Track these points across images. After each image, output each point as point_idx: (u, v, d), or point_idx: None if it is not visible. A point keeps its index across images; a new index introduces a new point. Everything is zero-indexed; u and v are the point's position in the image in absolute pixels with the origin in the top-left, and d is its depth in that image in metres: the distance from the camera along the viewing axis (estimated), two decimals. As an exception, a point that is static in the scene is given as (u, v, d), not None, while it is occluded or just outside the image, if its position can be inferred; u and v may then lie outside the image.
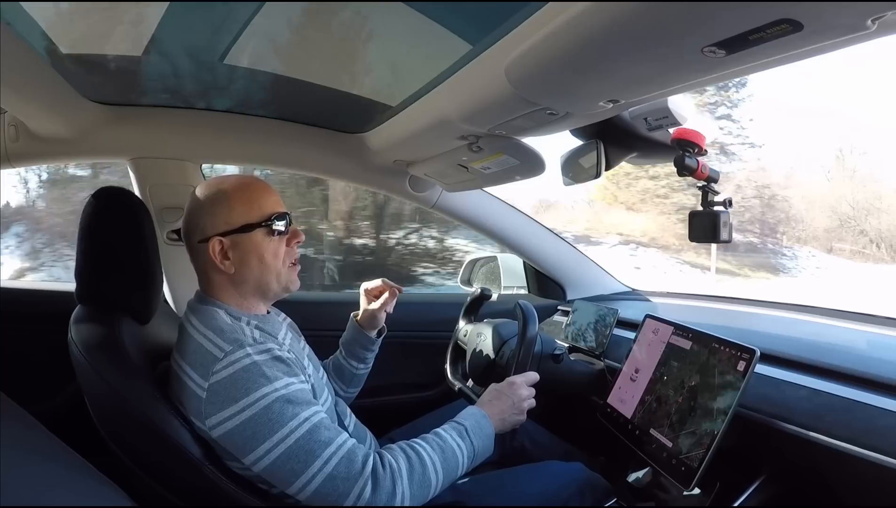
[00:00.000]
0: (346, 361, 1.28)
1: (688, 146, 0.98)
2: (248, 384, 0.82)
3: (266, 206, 0.96)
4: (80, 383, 0.91)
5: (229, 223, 0.94)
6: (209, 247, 0.93)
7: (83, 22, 1.03)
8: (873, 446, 0.78)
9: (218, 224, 0.94)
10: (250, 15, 0.99)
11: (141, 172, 1.52)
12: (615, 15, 0.58)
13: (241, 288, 0.96)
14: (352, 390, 1.30)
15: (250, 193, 0.96)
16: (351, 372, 1.28)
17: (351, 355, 1.28)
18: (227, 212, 0.94)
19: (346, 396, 1.28)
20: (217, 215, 0.94)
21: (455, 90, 1.04)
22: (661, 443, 0.99)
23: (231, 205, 0.94)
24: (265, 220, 0.95)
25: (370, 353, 1.29)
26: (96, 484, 0.64)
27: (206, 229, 0.94)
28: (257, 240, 0.95)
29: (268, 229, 0.95)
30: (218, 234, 0.93)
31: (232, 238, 0.94)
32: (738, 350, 0.94)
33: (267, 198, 0.97)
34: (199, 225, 0.95)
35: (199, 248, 0.95)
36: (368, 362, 1.30)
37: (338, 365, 1.29)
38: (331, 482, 0.81)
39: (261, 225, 0.95)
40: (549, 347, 1.33)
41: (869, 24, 0.51)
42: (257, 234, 0.95)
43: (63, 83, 1.18)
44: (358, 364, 1.28)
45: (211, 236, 0.93)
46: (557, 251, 1.88)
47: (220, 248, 0.93)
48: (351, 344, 1.28)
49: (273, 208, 0.97)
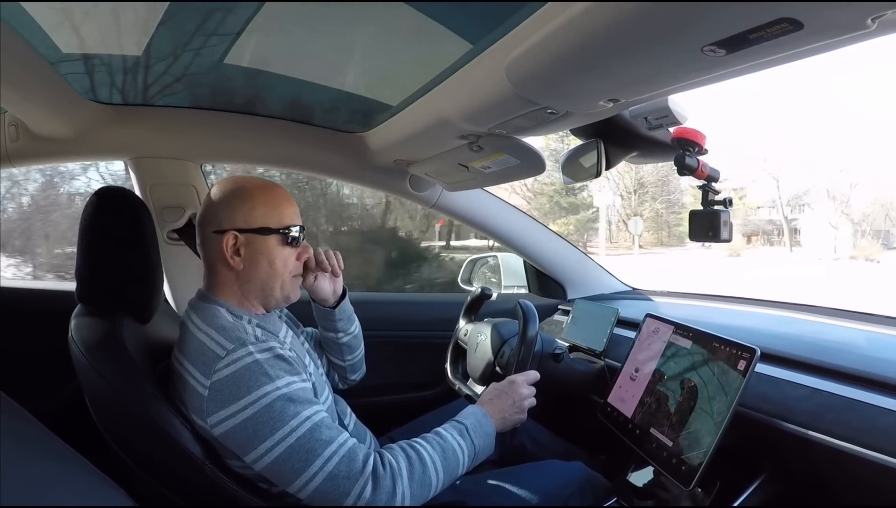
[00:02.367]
0: (324, 335, 1.23)
1: (688, 145, 0.98)
2: (250, 382, 0.82)
3: (286, 215, 0.98)
4: (81, 382, 0.92)
5: (248, 222, 0.94)
6: (223, 239, 0.93)
7: (83, 22, 1.03)
8: (874, 445, 0.78)
9: (236, 219, 0.94)
10: (250, 15, 0.99)
11: (141, 172, 1.52)
12: (615, 14, 0.58)
13: (245, 287, 0.96)
14: (348, 358, 1.24)
15: (274, 197, 0.97)
16: (335, 340, 1.22)
17: (326, 328, 1.22)
18: (249, 210, 0.95)
19: (348, 366, 1.24)
20: (238, 209, 0.95)
21: (455, 90, 1.04)
22: (661, 443, 0.99)
23: (254, 204, 0.95)
24: (284, 228, 0.96)
25: (340, 321, 1.21)
26: (96, 483, 0.64)
27: (224, 221, 0.95)
28: (271, 245, 0.96)
29: (284, 237, 0.96)
30: (235, 229, 0.94)
31: (248, 236, 0.94)
32: (739, 349, 0.94)
33: (288, 207, 0.98)
34: (217, 216, 0.95)
35: (213, 238, 0.95)
36: (346, 330, 1.22)
37: (321, 339, 1.25)
38: (331, 481, 0.81)
39: (278, 232, 0.96)
40: (550, 346, 1.33)
41: (869, 23, 0.51)
42: (273, 239, 0.96)
43: (63, 83, 1.18)
44: (337, 334, 1.21)
45: (227, 229, 0.94)
46: (558, 251, 1.88)
47: (234, 243, 0.94)
48: (320, 321, 1.22)
49: (292, 220, 0.98)
